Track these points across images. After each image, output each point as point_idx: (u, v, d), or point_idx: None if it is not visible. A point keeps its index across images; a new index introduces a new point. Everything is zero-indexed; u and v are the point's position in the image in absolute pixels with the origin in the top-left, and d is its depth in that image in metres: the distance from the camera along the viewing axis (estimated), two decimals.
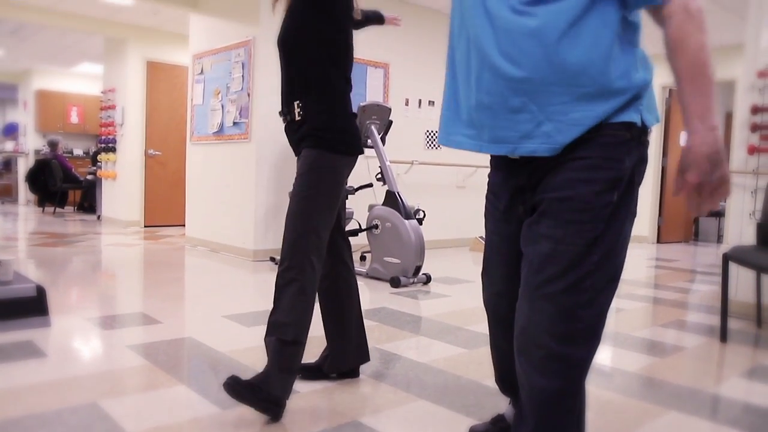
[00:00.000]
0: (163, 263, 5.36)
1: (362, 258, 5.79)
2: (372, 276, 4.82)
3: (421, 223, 4.76)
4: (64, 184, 10.43)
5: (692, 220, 9.26)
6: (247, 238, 5.72)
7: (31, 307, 3.27)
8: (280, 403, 2.01)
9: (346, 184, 2.21)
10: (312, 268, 2.05)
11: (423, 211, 4.97)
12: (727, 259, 3.36)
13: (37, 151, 11.83)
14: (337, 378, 2.45)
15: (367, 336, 2.48)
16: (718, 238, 9.23)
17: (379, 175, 4.94)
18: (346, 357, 2.41)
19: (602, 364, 2.82)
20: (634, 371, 2.73)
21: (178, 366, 2.59)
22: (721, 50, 7.92)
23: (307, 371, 2.43)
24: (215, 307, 3.68)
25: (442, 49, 7.03)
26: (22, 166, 12.12)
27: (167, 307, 3.68)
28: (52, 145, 10.65)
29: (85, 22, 7.83)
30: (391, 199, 4.73)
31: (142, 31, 8.29)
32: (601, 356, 2.94)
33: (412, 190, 6.66)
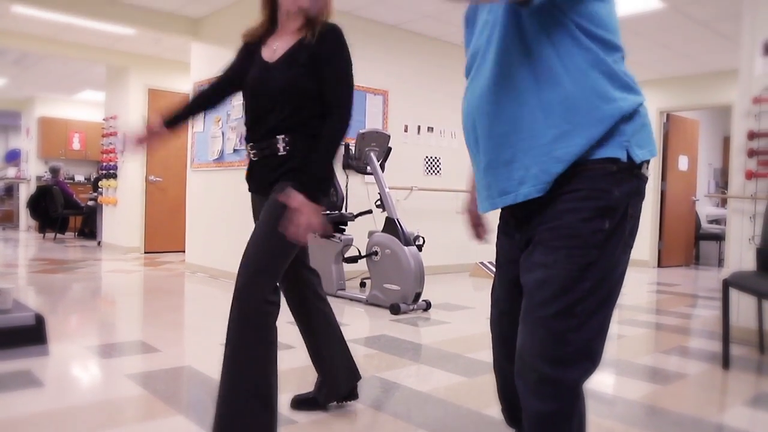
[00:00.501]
0: (162, 290, 5.35)
1: (362, 284, 5.78)
2: (372, 303, 4.81)
3: (420, 250, 4.76)
4: (65, 210, 10.46)
5: (693, 243, 9.25)
6: None
7: (30, 335, 3.26)
8: None
9: None
10: (268, 314, 1.94)
11: (422, 238, 4.97)
12: (727, 285, 3.35)
13: (38, 178, 11.88)
14: (338, 403, 2.44)
15: (365, 363, 2.47)
16: (719, 261, 9.21)
17: (379, 202, 4.96)
18: (339, 383, 2.39)
19: (604, 391, 2.80)
20: (636, 399, 2.71)
21: (177, 395, 2.57)
22: (717, 75, 7.99)
23: (303, 403, 2.42)
24: (214, 335, 3.67)
25: (441, 75, 7.11)
26: (24, 193, 12.15)
27: (166, 335, 3.67)
28: (54, 171, 10.70)
29: (88, 50, 7.93)
30: (391, 226, 4.74)
31: (144, 59, 8.38)
32: (603, 384, 2.92)
33: (412, 216, 6.67)
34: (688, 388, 2.93)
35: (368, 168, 5.07)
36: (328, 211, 5.24)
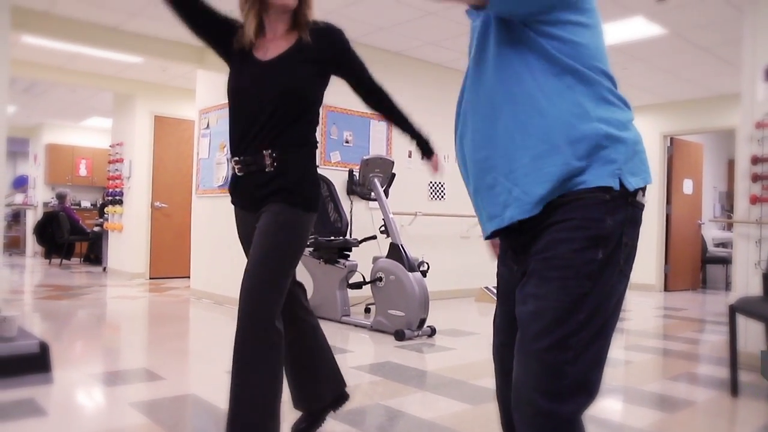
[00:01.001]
0: (167, 316, 5.34)
1: (366, 310, 5.76)
2: (376, 329, 4.79)
3: (425, 276, 4.75)
4: (71, 236, 10.50)
5: (699, 267, 9.20)
6: None
7: (34, 363, 3.26)
8: None
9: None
10: (279, 334, 1.96)
11: (427, 263, 4.96)
12: (734, 311, 3.33)
13: (45, 204, 11.96)
14: (334, 411, 2.38)
15: (370, 390, 2.45)
16: (726, 285, 9.14)
17: (383, 228, 4.97)
18: (323, 393, 2.31)
19: (611, 419, 2.77)
20: (643, 427, 2.67)
21: (180, 424, 2.56)
22: (720, 99, 8.02)
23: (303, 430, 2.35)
24: (218, 362, 3.65)
25: (444, 101, 7.16)
26: (31, 219, 12.22)
27: (170, 362, 3.66)
28: (61, 197, 10.77)
29: (95, 78, 8.03)
30: (395, 252, 4.74)
31: (150, 86, 8.48)
32: (609, 411, 2.89)
33: (417, 241, 6.67)
34: (696, 416, 2.89)
35: (372, 194, 5.09)
36: (332, 237, 5.24)
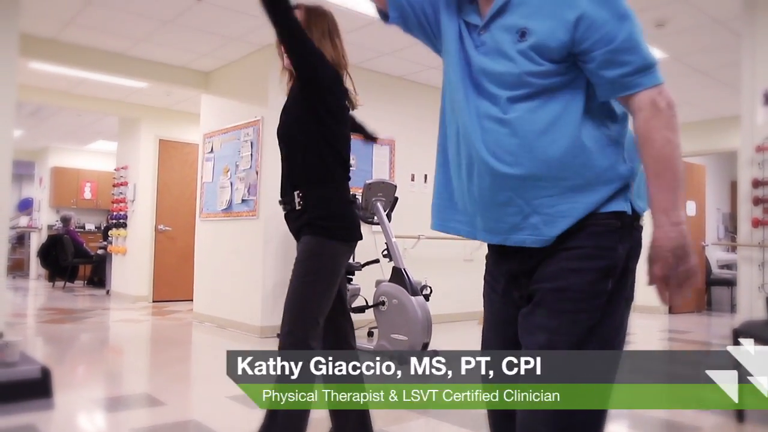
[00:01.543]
0: (169, 340, 5.34)
1: (369, 334, 5.74)
2: (379, 353, 4.77)
3: (428, 299, 4.74)
4: (75, 259, 10.51)
5: (704, 289, 9.15)
6: (255, 315, 5.70)
7: (36, 389, 3.25)
8: None
9: (344, 269, 2.27)
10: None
11: (430, 287, 4.96)
12: (738, 334, 3.31)
13: (50, 226, 12.00)
14: None
15: (373, 415, 2.43)
16: (732, 307, 9.08)
17: (386, 251, 4.97)
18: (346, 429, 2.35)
19: None
20: None
21: None
22: (722, 121, 8.05)
23: None
24: (220, 387, 3.63)
25: None
26: (35, 241, 12.25)
27: (172, 387, 3.64)
28: (65, 220, 10.82)
29: (101, 103, 8.12)
30: (398, 276, 4.73)
31: (155, 110, 8.56)
32: None
33: (420, 265, 6.65)
34: None
35: (375, 218, 5.10)
36: None
